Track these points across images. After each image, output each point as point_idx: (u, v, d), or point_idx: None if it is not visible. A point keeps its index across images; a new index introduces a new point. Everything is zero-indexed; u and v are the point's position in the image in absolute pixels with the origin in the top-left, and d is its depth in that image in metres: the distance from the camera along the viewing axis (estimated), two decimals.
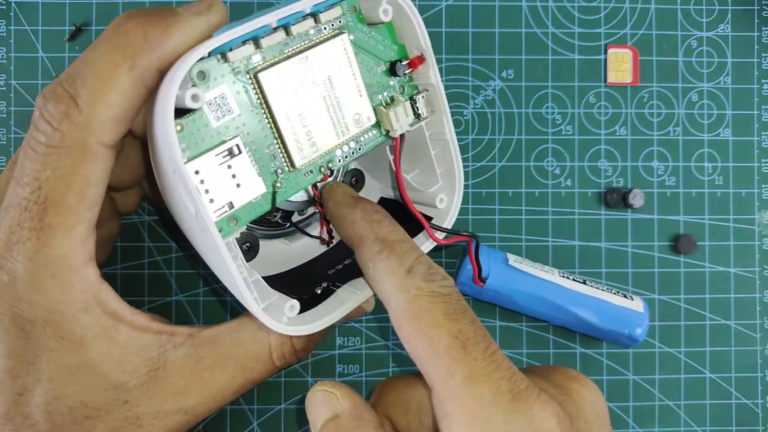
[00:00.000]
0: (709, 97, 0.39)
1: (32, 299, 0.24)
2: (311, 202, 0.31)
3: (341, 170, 0.33)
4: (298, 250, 0.32)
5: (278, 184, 0.26)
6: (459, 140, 0.30)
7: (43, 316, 0.24)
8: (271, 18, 0.24)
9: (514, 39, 0.38)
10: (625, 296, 0.35)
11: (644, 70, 0.38)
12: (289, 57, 0.25)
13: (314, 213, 0.33)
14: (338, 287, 0.29)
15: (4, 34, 0.37)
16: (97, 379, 0.25)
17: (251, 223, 0.28)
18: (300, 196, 0.30)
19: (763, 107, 0.39)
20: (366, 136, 0.28)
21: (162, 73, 0.23)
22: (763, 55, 0.39)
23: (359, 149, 0.28)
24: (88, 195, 0.24)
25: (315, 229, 0.33)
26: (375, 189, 0.34)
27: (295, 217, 0.32)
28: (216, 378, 0.26)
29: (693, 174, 0.39)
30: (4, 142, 0.37)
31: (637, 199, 0.37)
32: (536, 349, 0.38)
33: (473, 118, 0.38)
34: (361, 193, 0.33)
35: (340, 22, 0.26)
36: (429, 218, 0.31)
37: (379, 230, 0.25)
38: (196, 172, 0.23)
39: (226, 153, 0.24)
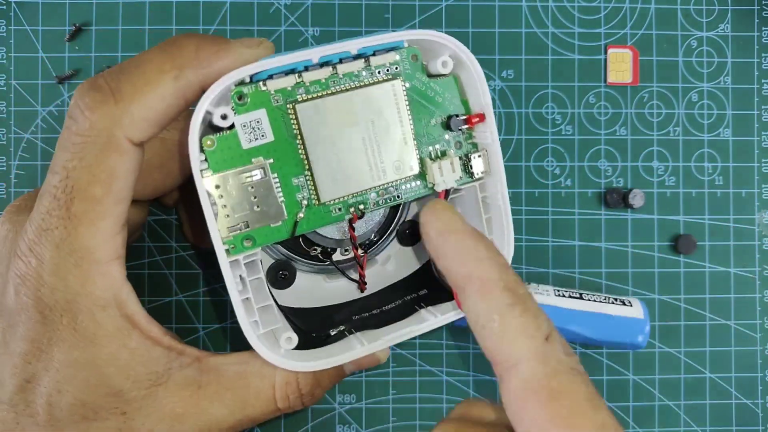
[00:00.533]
0: (709, 97, 0.39)
1: (54, 285, 0.24)
2: (345, 242, 0.30)
3: (399, 219, 0.31)
4: (335, 290, 0.32)
5: (300, 215, 0.26)
6: None
7: (62, 305, 0.24)
8: (314, 54, 0.24)
9: (514, 39, 0.38)
10: (624, 303, 0.35)
11: (644, 70, 0.38)
12: (334, 93, 0.25)
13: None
14: (352, 333, 0.28)
15: (4, 34, 0.37)
16: (101, 380, 0.24)
17: (293, 253, 0.29)
18: (331, 233, 0.29)
19: (763, 107, 0.39)
20: (407, 186, 0.27)
21: (203, 92, 0.24)
22: (763, 55, 0.39)
23: (397, 197, 0.27)
24: (114, 188, 0.24)
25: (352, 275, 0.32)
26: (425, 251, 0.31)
27: (338, 256, 0.31)
28: (214, 409, 0.26)
29: (693, 174, 0.39)
30: (4, 142, 0.37)
31: (637, 199, 0.37)
32: None
33: None
34: (414, 248, 0.32)
35: (396, 68, 0.26)
36: None
37: (508, 278, 0.22)
38: (217, 187, 0.24)
39: (251, 175, 0.25)
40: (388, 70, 0.26)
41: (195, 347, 0.27)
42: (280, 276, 0.30)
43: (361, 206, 0.27)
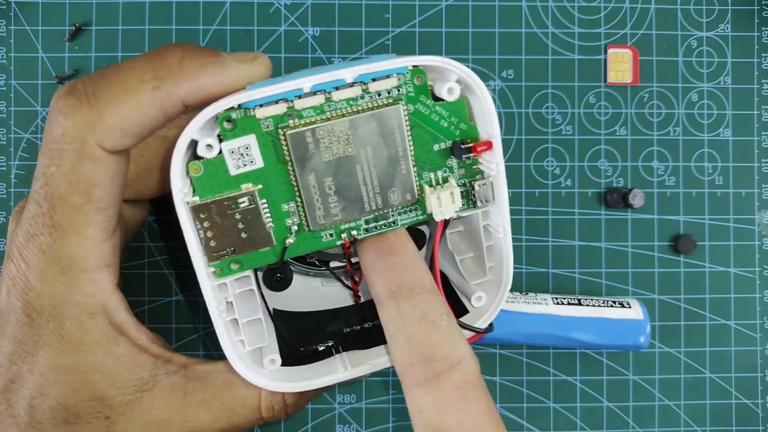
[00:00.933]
0: (709, 97, 0.39)
1: (41, 290, 0.24)
2: (338, 256, 0.29)
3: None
4: (332, 294, 0.31)
5: (290, 240, 0.25)
6: None
7: (48, 310, 0.24)
8: (306, 83, 0.23)
9: (514, 39, 0.38)
10: (623, 305, 0.35)
11: (644, 70, 0.38)
12: (329, 119, 0.24)
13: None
14: (339, 352, 0.28)
15: (4, 34, 0.37)
16: (84, 386, 0.24)
17: (289, 258, 0.28)
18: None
19: (763, 107, 0.39)
20: (405, 214, 0.26)
21: (185, 108, 0.23)
22: (763, 55, 0.39)
23: (393, 224, 0.26)
24: (94, 196, 0.23)
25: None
26: (426, 257, 0.31)
27: (336, 262, 0.31)
28: (200, 416, 0.26)
29: (693, 174, 0.39)
30: (4, 142, 0.37)
31: (637, 199, 0.37)
32: (534, 349, 0.38)
33: None
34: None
35: (398, 90, 0.24)
36: (464, 312, 0.29)
37: (426, 339, 0.24)
38: (202, 214, 0.23)
39: (239, 202, 0.24)
40: (389, 93, 0.24)
41: (183, 354, 0.27)
42: (276, 279, 0.30)
43: (354, 232, 0.26)
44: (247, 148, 0.23)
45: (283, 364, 0.27)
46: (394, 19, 0.38)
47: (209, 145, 0.23)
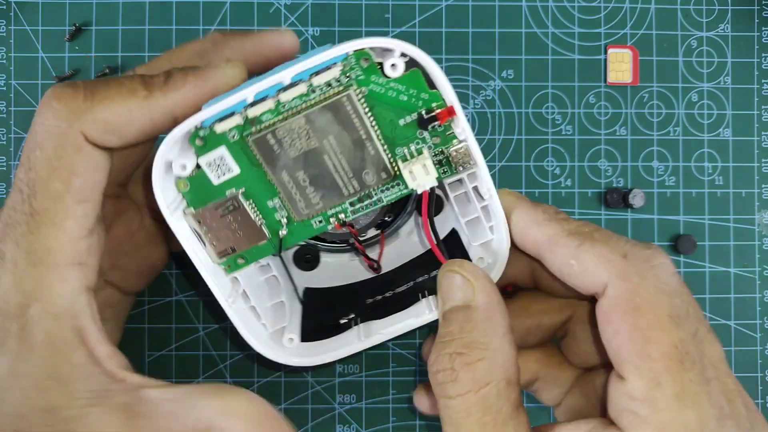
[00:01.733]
0: (709, 97, 0.39)
1: (9, 287, 0.23)
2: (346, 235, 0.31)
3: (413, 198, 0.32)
4: (360, 267, 0.33)
5: (283, 232, 0.27)
6: None
7: (14, 310, 0.23)
8: (248, 93, 0.24)
9: (514, 39, 0.38)
10: None
11: (644, 70, 0.38)
12: (285, 119, 0.25)
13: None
14: (357, 324, 0.29)
15: (4, 34, 0.37)
16: (37, 393, 0.24)
17: (313, 240, 0.32)
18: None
19: (763, 107, 0.39)
20: (388, 191, 0.27)
21: (175, 120, 0.24)
22: (763, 55, 0.39)
23: (379, 201, 0.27)
24: (74, 185, 0.23)
25: (375, 251, 0.33)
26: (450, 218, 0.31)
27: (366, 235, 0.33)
28: None
29: (693, 174, 0.39)
30: (4, 142, 0.37)
31: (637, 199, 0.37)
32: None
33: (473, 118, 0.38)
34: (438, 218, 0.31)
35: (347, 77, 0.25)
36: None
37: (570, 226, 0.24)
38: (198, 222, 0.26)
39: (227, 206, 0.26)
40: (339, 81, 0.24)
41: (142, 376, 0.25)
42: (305, 260, 0.33)
43: (342, 215, 0.27)
44: (221, 159, 0.25)
45: (302, 340, 0.29)
46: (394, 19, 0.38)
47: (183, 165, 0.25)
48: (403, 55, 0.24)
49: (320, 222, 0.27)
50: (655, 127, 0.39)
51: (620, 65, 0.38)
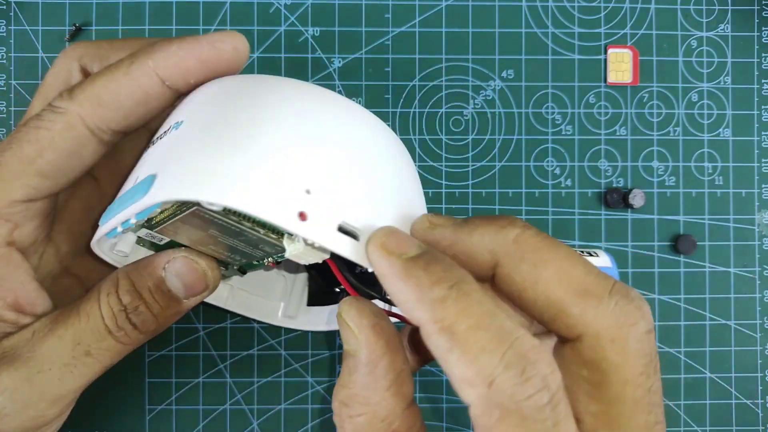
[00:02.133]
0: (709, 97, 0.39)
1: None
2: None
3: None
4: None
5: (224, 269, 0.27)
6: (459, 140, 0.30)
7: None
8: (113, 225, 0.23)
9: (514, 39, 0.38)
10: (590, 254, 0.35)
11: (644, 70, 0.38)
12: (169, 219, 0.23)
13: None
14: (341, 299, 0.28)
15: (4, 34, 0.37)
16: None
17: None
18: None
19: (763, 107, 0.39)
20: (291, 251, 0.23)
21: (165, 85, 0.24)
22: (763, 55, 0.39)
23: (282, 257, 0.24)
24: (45, 158, 0.23)
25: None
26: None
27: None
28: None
29: (693, 174, 0.39)
30: None
31: (637, 199, 0.37)
32: None
33: (473, 118, 0.38)
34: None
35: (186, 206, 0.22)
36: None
37: (444, 314, 0.19)
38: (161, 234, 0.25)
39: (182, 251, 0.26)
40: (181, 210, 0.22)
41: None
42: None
43: (269, 259, 0.25)
44: (151, 235, 0.25)
45: (308, 305, 0.31)
46: (394, 19, 0.38)
47: (111, 245, 0.26)
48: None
49: (256, 262, 0.26)
50: (655, 127, 0.39)
51: (620, 65, 0.38)
